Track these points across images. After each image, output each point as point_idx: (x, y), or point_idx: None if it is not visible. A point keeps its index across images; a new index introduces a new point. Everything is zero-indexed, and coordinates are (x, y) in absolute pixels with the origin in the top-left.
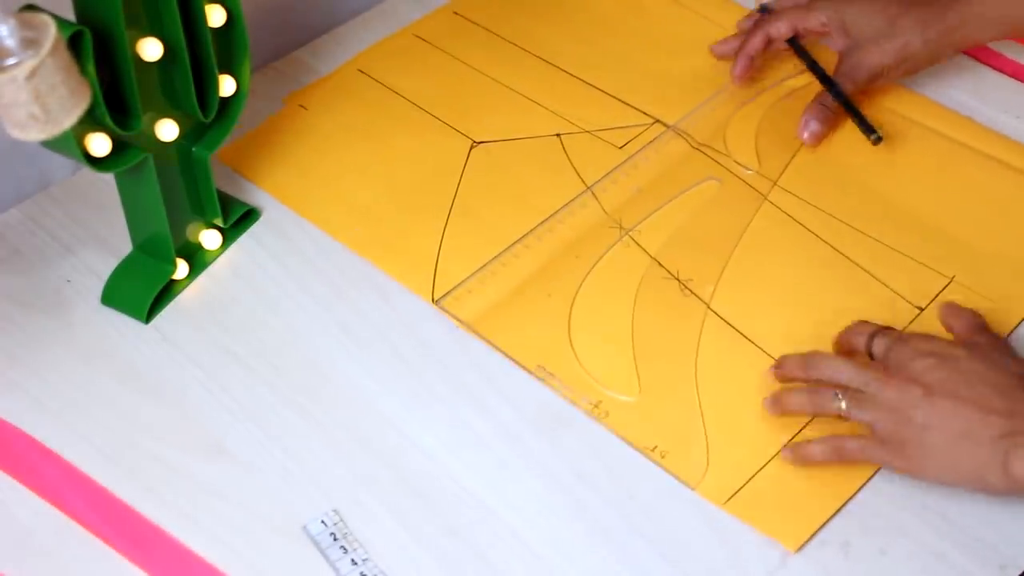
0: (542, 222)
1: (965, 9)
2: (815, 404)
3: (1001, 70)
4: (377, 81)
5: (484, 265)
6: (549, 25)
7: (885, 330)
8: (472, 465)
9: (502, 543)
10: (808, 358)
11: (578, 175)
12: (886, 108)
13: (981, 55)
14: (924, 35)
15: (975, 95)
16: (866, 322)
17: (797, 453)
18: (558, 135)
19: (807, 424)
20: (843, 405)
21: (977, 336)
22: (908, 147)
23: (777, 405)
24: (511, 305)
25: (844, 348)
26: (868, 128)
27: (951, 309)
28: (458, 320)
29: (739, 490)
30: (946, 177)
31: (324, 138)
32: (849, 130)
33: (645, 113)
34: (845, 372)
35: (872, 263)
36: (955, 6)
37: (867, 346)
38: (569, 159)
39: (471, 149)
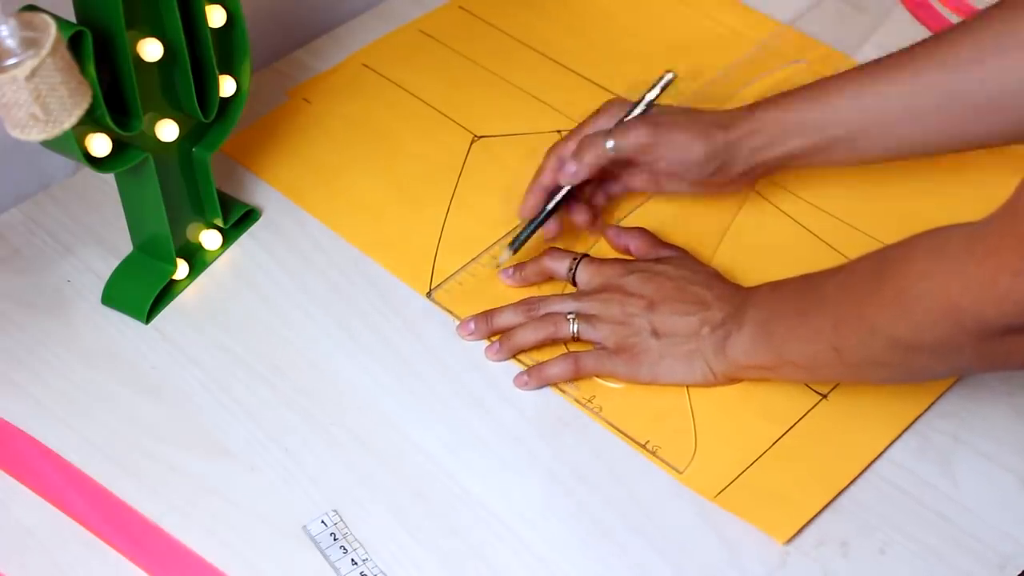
0: None
1: (762, 115)
2: (549, 331)
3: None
4: (380, 75)
5: (475, 257)
6: (554, 22)
7: (582, 257)
8: (472, 465)
9: (502, 543)
10: (528, 302)
11: None
12: None
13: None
14: (727, 136)
15: None
16: (557, 247)
17: (535, 375)
18: (559, 132)
19: (798, 421)
20: (575, 328)
21: (660, 250)
22: None
23: (509, 341)
24: (503, 298)
25: (544, 276)
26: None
27: (618, 232)
28: (451, 312)
29: (730, 484)
30: (924, 166)
31: (327, 131)
32: None
33: None
34: (570, 303)
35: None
36: (751, 114)
37: (569, 274)
38: None
39: (472, 143)
